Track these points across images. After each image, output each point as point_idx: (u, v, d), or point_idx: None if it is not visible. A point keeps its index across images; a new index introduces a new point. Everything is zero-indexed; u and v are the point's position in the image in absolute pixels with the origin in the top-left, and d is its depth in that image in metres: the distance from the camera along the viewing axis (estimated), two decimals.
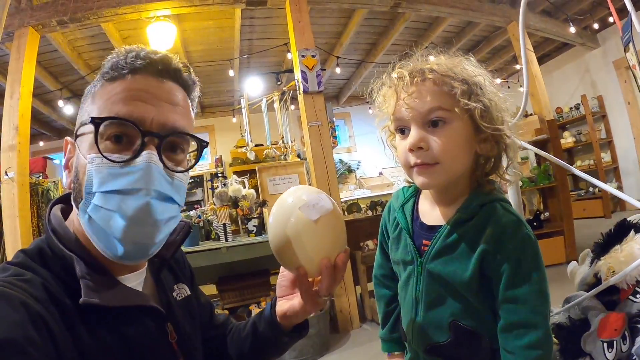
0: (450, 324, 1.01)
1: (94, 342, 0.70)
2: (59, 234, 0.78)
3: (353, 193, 6.74)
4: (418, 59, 1.01)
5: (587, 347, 1.31)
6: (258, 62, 6.95)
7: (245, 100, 4.90)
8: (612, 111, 7.80)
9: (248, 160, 4.75)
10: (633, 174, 7.58)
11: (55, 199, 0.89)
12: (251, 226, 3.82)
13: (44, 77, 6.02)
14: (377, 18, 6.18)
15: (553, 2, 6.22)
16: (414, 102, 0.94)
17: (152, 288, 0.90)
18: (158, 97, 0.78)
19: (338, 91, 9.52)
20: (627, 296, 1.37)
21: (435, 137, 0.93)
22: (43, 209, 4.76)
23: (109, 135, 0.75)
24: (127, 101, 0.76)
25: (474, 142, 0.98)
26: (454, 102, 0.92)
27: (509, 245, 0.92)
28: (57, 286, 0.71)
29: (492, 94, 0.97)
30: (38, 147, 8.19)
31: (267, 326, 0.99)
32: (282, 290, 0.98)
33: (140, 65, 0.78)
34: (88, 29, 4.88)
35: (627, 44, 1.33)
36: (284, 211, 0.84)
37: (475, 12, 5.70)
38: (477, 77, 0.96)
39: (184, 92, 0.85)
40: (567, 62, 8.53)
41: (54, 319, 0.65)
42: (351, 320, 3.97)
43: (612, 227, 1.46)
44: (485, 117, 0.94)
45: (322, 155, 4.01)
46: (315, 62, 4.06)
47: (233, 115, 8.26)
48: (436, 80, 0.94)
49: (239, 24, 5.42)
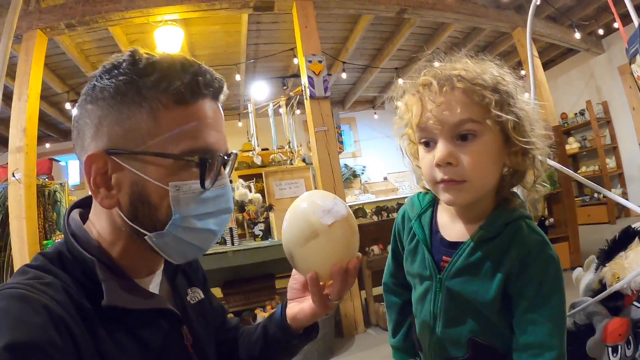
0: (468, 340, 0.99)
1: (113, 345, 0.71)
2: (79, 237, 0.79)
3: (358, 198, 6.73)
4: (443, 64, 0.93)
5: (592, 352, 1.31)
6: (264, 67, 6.97)
7: (252, 104, 4.92)
8: (617, 117, 7.78)
9: (254, 164, 4.76)
10: (638, 180, 7.56)
11: (71, 204, 0.89)
12: (257, 230, 3.82)
13: (51, 79, 6.04)
14: (383, 23, 6.19)
15: (558, 8, 6.22)
16: (443, 115, 0.86)
17: (168, 291, 0.92)
18: (220, 123, 0.83)
19: (343, 96, 9.52)
20: (632, 302, 1.38)
21: (464, 153, 0.87)
22: (49, 210, 4.77)
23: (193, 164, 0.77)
24: (209, 132, 0.79)
25: (504, 155, 0.92)
26: (485, 114, 0.86)
27: (533, 266, 0.89)
28: (77, 289, 0.72)
29: (524, 104, 0.90)
30: (44, 148, 8.21)
31: (278, 329, 0.99)
32: (293, 292, 0.98)
33: (209, 93, 0.80)
34: (96, 32, 4.90)
35: (633, 56, 1.33)
36: (298, 215, 0.84)
37: (480, 18, 5.71)
38: (508, 86, 0.89)
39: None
40: (572, 68, 8.52)
41: (75, 322, 0.66)
42: (356, 324, 3.97)
43: (616, 234, 1.47)
44: (518, 129, 0.88)
45: (328, 160, 4.02)
46: (322, 68, 4.08)
47: (239, 119, 8.27)
48: (466, 89, 0.86)
49: (245, 29, 5.45)
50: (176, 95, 0.75)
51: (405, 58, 7.47)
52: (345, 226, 0.83)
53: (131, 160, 0.75)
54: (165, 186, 0.75)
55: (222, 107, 0.86)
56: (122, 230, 0.79)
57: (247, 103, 5.16)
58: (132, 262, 0.81)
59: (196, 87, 0.76)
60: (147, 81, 0.74)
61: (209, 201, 0.80)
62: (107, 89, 0.74)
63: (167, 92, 0.74)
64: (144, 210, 0.76)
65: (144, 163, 0.75)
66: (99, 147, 0.75)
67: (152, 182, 0.75)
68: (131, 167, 0.75)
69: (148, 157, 0.75)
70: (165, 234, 0.77)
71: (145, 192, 0.76)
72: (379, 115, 9.66)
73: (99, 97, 0.75)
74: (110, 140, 0.75)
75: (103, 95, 0.75)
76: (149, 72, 0.74)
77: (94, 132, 0.76)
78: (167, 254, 0.80)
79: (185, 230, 0.78)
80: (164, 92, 0.74)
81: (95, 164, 0.75)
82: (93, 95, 0.76)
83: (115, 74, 0.75)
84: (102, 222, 0.81)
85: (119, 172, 0.76)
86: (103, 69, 0.77)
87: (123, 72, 0.74)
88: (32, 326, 0.61)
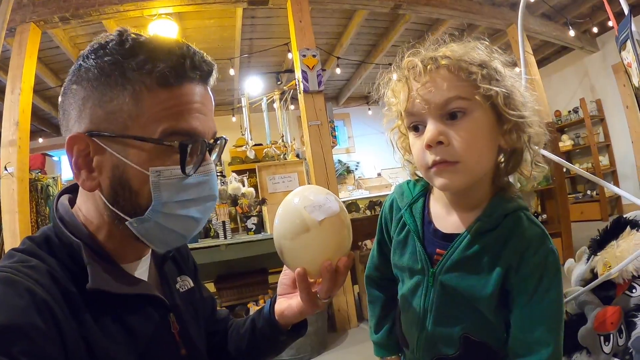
0: (461, 337, 0.94)
1: (98, 329, 0.71)
2: (67, 221, 0.78)
3: (352, 194, 6.75)
4: (428, 48, 0.90)
5: (584, 340, 1.32)
6: (258, 62, 6.95)
7: (245, 99, 4.91)
8: (611, 115, 7.82)
9: (247, 159, 4.76)
10: (631, 177, 7.59)
11: (61, 189, 0.89)
12: (250, 224, 3.81)
13: (45, 73, 6.00)
14: (378, 19, 6.18)
15: (553, 6, 6.23)
16: (429, 94, 0.83)
17: (156, 278, 0.91)
18: (208, 108, 0.81)
19: (338, 92, 9.52)
20: (623, 291, 1.38)
21: (455, 131, 0.82)
22: (42, 205, 4.75)
23: (173, 148, 0.75)
24: (193, 115, 0.76)
25: (498, 135, 0.87)
26: (473, 90, 0.82)
27: (532, 259, 0.86)
28: (63, 273, 0.71)
29: (512, 79, 0.87)
30: (37, 143, 8.16)
31: (266, 324, 0.99)
32: (283, 288, 0.98)
33: (196, 76, 0.78)
34: (90, 25, 4.86)
35: (623, 43, 1.34)
36: (289, 210, 0.83)
37: (475, 15, 5.72)
38: (494, 62, 0.86)
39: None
40: (566, 66, 8.54)
41: (59, 306, 0.66)
42: (349, 319, 3.98)
43: (608, 224, 1.47)
44: (509, 103, 0.84)
45: (321, 155, 4.01)
46: (315, 62, 4.07)
47: (233, 114, 8.25)
48: (451, 66, 0.83)
49: (240, 23, 5.43)
50: (160, 78, 0.73)
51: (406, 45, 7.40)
52: (337, 223, 0.81)
53: (113, 143, 0.74)
54: (146, 171, 0.74)
55: (211, 91, 0.84)
56: (104, 214, 0.78)
57: (241, 98, 5.15)
58: (118, 247, 0.80)
59: (182, 69, 0.74)
60: (132, 62, 0.72)
61: (191, 187, 0.78)
62: (91, 69, 0.73)
63: (151, 74, 0.73)
64: (125, 194, 0.75)
65: (125, 146, 0.74)
66: (82, 128, 0.74)
67: (133, 166, 0.74)
68: (112, 150, 0.74)
69: (129, 141, 0.73)
70: (145, 220, 0.76)
71: (126, 176, 0.75)
72: (373, 112, 9.66)
73: (83, 78, 0.74)
74: (93, 122, 0.74)
75: (87, 76, 0.73)
76: (135, 53, 0.73)
77: (78, 113, 0.75)
78: (148, 240, 0.79)
79: (166, 216, 0.77)
80: (148, 74, 0.73)
81: (77, 145, 0.74)
82: (78, 75, 0.75)
83: (101, 54, 0.73)
84: (87, 207, 0.80)
85: (100, 155, 0.75)
86: (90, 49, 0.75)
87: (109, 52, 0.73)
88: (15, 309, 0.60)
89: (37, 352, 0.59)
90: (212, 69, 0.82)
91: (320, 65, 4.13)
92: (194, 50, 0.78)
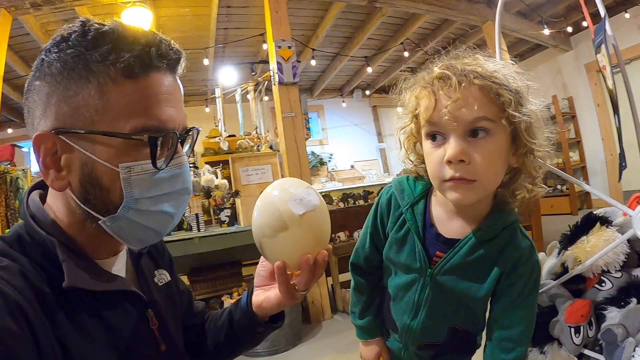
0: (449, 328, 1.06)
1: (75, 329, 0.69)
2: (39, 219, 0.75)
3: (325, 185, 6.77)
4: (454, 58, 0.93)
5: (555, 332, 1.35)
6: (233, 52, 6.88)
7: (220, 89, 4.84)
8: (582, 112, 7.99)
9: (220, 150, 4.70)
10: (600, 173, 7.79)
11: (31, 185, 0.85)
12: (223, 216, 3.79)
13: (15, 61, 5.80)
14: (354, 12, 6.17)
15: (529, 4, 6.32)
16: (458, 111, 0.84)
17: (133, 274, 0.90)
18: (177, 98, 0.78)
19: (312, 83, 9.49)
20: (593, 285, 1.42)
21: (477, 151, 0.85)
22: (11, 197, 4.62)
23: (142, 142, 0.72)
24: (162, 107, 0.73)
25: (511, 155, 0.91)
26: (500, 112, 0.85)
27: (522, 269, 0.96)
28: (37, 273, 0.68)
29: (534, 105, 0.90)
30: (6, 134, 7.95)
31: (243, 316, 0.98)
32: (261, 280, 0.97)
33: (163, 65, 0.74)
34: (62, 12, 4.72)
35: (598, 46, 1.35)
36: (269, 203, 0.81)
37: (452, 11, 5.78)
38: (520, 86, 0.88)
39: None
40: (539, 63, 8.68)
41: (32, 307, 0.64)
42: (323, 311, 4.00)
43: (578, 220, 1.50)
44: (529, 130, 0.87)
45: (295, 146, 4.01)
46: (291, 54, 4.04)
47: (206, 105, 8.18)
48: (484, 86, 0.84)
49: (215, 12, 5.34)
50: (125, 69, 0.70)
51: (375, 47, 7.47)
52: (317, 217, 0.81)
53: (80, 140, 0.71)
54: (116, 167, 0.71)
55: (180, 80, 0.81)
56: (76, 212, 0.75)
57: (215, 88, 5.08)
58: (92, 244, 0.78)
59: (147, 58, 0.71)
60: (96, 54, 0.69)
61: (164, 182, 0.76)
62: (54, 63, 0.70)
63: (115, 65, 0.69)
64: (96, 192, 0.73)
65: (93, 143, 0.71)
66: (47, 126, 0.71)
67: (102, 163, 0.71)
68: (80, 147, 0.71)
69: (97, 137, 0.70)
70: (118, 218, 0.74)
71: (96, 173, 0.72)
72: (347, 104, 9.69)
73: (46, 73, 0.70)
74: (58, 119, 0.71)
75: (50, 70, 0.70)
76: (99, 44, 0.69)
77: (42, 110, 0.72)
78: (123, 239, 0.77)
79: (139, 213, 0.74)
80: (113, 65, 0.69)
81: (44, 144, 0.71)
82: (41, 70, 0.71)
83: (63, 47, 0.69)
84: (58, 204, 0.78)
85: (68, 153, 0.72)
86: (52, 42, 0.71)
87: (71, 44, 0.69)
88: None
89: (11, 356, 0.57)
90: (180, 57, 0.79)
91: (295, 57, 4.11)
92: (161, 37, 0.75)
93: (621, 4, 6.81)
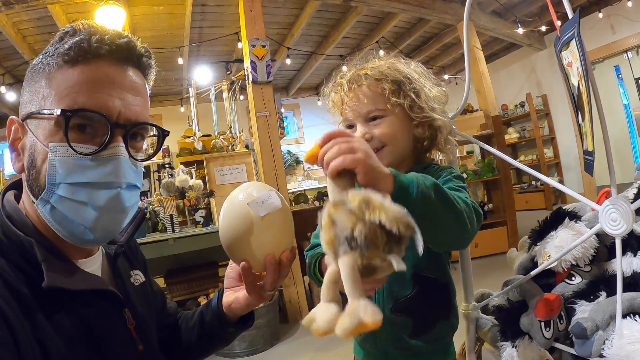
0: (412, 275, 1.09)
1: (54, 329, 0.69)
2: (14, 219, 0.76)
3: (301, 184, 6.77)
4: (356, 65, 1.18)
5: (525, 327, 1.35)
6: (208, 51, 6.82)
7: (193, 89, 4.79)
8: (556, 109, 8.15)
9: (195, 150, 4.66)
10: (574, 169, 7.95)
11: (6, 185, 0.87)
12: (198, 217, 3.75)
13: None
14: (330, 10, 6.16)
15: (503, 4, 6.40)
16: (355, 106, 1.11)
17: (109, 274, 0.90)
18: (122, 87, 0.77)
19: (288, 82, 9.48)
20: (563, 279, 1.44)
21: (376, 129, 1.09)
22: None
23: (73, 125, 0.72)
24: (95, 91, 0.74)
25: (411, 127, 1.13)
26: (386, 101, 1.08)
27: (439, 172, 1.08)
28: (14, 274, 0.69)
29: (420, 88, 1.11)
30: None
31: (214, 316, 1.01)
32: (230, 281, 1.00)
33: (105, 52, 0.75)
34: (34, 10, 4.65)
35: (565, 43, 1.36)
36: (234, 207, 0.85)
37: (426, 10, 5.80)
38: (407, 75, 1.11)
39: (143, 77, 0.84)
40: (514, 62, 8.83)
41: (11, 308, 0.64)
42: (300, 310, 4.00)
43: (547, 215, 1.51)
44: (414, 108, 1.10)
45: (269, 146, 4.00)
46: (265, 52, 4.02)
47: (181, 104, 8.10)
48: (370, 85, 1.10)
49: (190, 11, 5.28)
50: (65, 55, 0.74)
51: (351, 46, 7.47)
52: (279, 218, 0.85)
53: (30, 125, 0.76)
54: (46, 147, 0.73)
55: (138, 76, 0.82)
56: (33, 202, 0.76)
57: (189, 87, 5.03)
58: (62, 242, 0.77)
59: (87, 45, 0.73)
60: (52, 48, 0.75)
61: (89, 170, 0.73)
62: (34, 65, 0.78)
63: (62, 55, 0.74)
64: (33, 173, 0.75)
65: (37, 126, 0.75)
66: (19, 114, 0.78)
67: (38, 142, 0.74)
68: (30, 130, 0.76)
69: (39, 120, 0.75)
70: (45, 202, 0.74)
71: (34, 154, 0.75)
72: (322, 102, 9.68)
73: (28, 74, 0.79)
74: (23, 107, 0.78)
75: (31, 70, 0.78)
76: (62, 41, 0.76)
77: (20, 103, 0.79)
78: (59, 231, 0.75)
79: (61, 200, 0.73)
80: (59, 55, 0.74)
81: (12, 127, 0.79)
82: (27, 74, 0.80)
83: (45, 52, 0.77)
84: (27, 201, 0.79)
85: (24, 136, 0.77)
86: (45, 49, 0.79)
87: (50, 47, 0.77)
88: None
89: None
90: (124, 46, 0.79)
91: (269, 55, 4.09)
92: (108, 30, 0.78)
93: (594, 3, 6.94)
